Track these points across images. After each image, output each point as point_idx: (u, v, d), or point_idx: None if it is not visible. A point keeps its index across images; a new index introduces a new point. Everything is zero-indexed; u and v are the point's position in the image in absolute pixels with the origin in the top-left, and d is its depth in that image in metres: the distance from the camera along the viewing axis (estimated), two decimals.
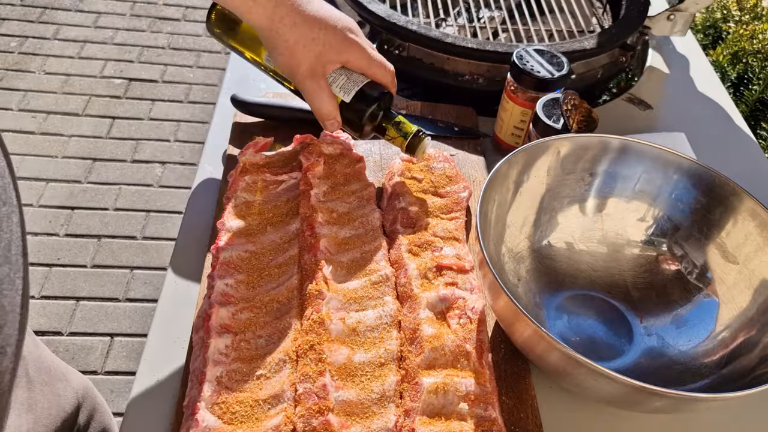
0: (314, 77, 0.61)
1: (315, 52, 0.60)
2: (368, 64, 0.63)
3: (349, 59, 0.62)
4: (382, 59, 0.64)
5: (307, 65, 0.60)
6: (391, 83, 0.65)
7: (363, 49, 0.62)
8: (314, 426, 0.48)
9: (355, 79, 0.63)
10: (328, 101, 0.62)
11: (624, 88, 0.96)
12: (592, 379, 0.47)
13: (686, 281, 0.62)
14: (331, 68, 0.62)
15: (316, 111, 0.63)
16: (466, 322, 0.56)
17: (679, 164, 0.62)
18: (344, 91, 0.63)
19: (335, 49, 0.61)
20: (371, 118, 0.64)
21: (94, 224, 1.83)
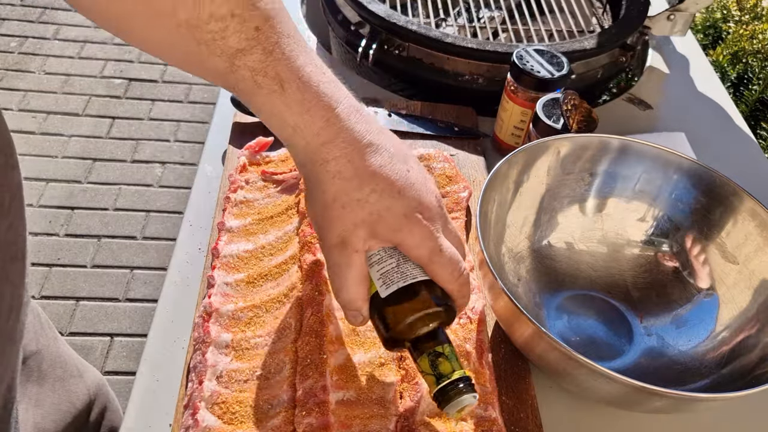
0: (344, 250, 0.44)
1: (356, 218, 0.43)
2: (430, 256, 0.44)
3: (405, 242, 0.44)
4: (455, 257, 0.45)
5: (339, 231, 0.43)
6: (457, 293, 0.46)
7: (429, 234, 0.44)
8: (314, 426, 0.48)
9: (405, 271, 0.45)
10: (355, 286, 0.45)
11: (624, 88, 0.96)
12: (592, 379, 0.47)
13: (686, 281, 0.62)
14: (375, 245, 0.45)
15: (335, 293, 0.46)
16: (466, 322, 0.56)
17: (679, 164, 0.62)
18: (384, 280, 0.45)
19: (387, 222, 0.43)
20: (409, 329, 0.45)
21: (94, 224, 1.83)
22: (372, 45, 0.85)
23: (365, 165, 0.42)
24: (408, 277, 0.45)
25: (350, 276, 0.44)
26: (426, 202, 0.45)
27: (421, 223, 0.44)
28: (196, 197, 0.71)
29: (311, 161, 0.43)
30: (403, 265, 0.45)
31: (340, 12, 0.93)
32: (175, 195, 1.94)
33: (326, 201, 0.43)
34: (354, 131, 0.42)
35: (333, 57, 0.95)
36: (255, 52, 0.38)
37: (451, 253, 0.45)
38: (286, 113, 0.40)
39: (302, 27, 0.98)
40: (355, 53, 0.87)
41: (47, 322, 0.62)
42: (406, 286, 0.44)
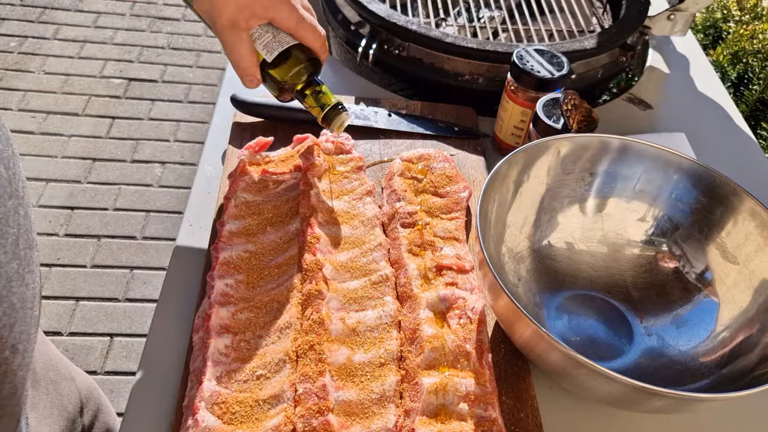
0: (235, 29, 0.58)
1: (238, 2, 0.57)
2: (296, 24, 0.59)
3: (276, 17, 0.59)
4: (313, 22, 0.61)
5: (228, 15, 0.57)
6: (320, 49, 0.62)
7: (293, 9, 0.59)
8: (314, 426, 0.48)
9: (281, 39, 0.60)
10: (248, 57, 0.59)
11: (624, 88, 0.96)
12: (592, 379, 0.47)
13: (686, 281, 0.62)
14: (255, 23, 0.58)
15: (234, 65, 0.60)
16: (466, 322, 0.56)
17: (679, 164, 0.62)
18: (267, 49, 0.59)
19: (261, 3, 0.57)
20: (292, 81, 0.61)
21: (94, 224, 1.83)
22: (372, 45, 0.85)
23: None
24: (284, 43, 0.60)
25: (243, 49, 0.59)
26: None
27: (286, 1, 0.58)
28: (196, 197, 0.71)
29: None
30: (278, 36, 0.60)
31: (340, 12, 0.93)
32: (175, 195, 1.94)
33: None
34: None
35: (333, 57, 0.95)
36: None
37: (311, 19, 0.60)
38: None
39: None
40: (355, 53, 0.87)
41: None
42: (284, 49, 0.60)
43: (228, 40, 0.58)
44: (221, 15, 0.57)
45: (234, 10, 0.57)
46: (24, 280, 0.44)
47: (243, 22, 0.58)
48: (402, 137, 0.79)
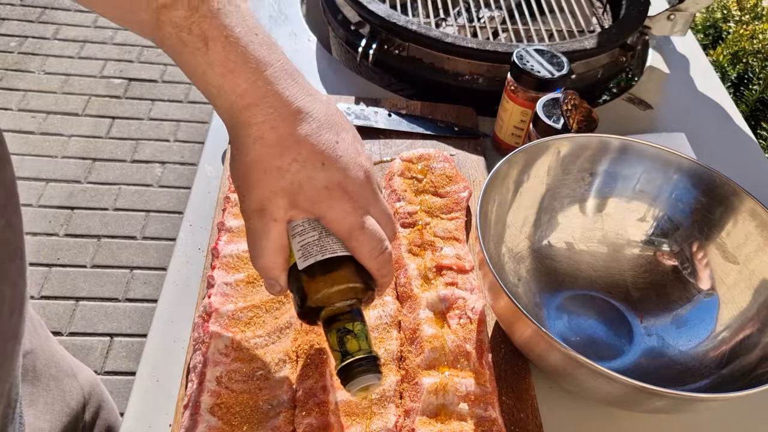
0: (262, 216, 0.43)
1: (275, 186, 0.42)
2: (350, 232, 0.43)
3: (326, 216, 0.43)
4: (376, 235, 0.44)
5: (259, 197, 0.42)
6: (377, 272, 0.45)
7: (352, 210, 0.43)
8: (314, 426, 0.48)
9: (326, 245, 0.44)
10: (272, 255, 0.44)
11: (624, 88, 0.96)
12: (592, 379, 0.47)
13: (686, 281, 0.62)
14: (296, 216, 0.44)
15: (252, 260, 0.45)
16: (466, 322, 0.56)
17: (679, 164, 0.62)
18: (303, 252, 0.44)
19: (307, 194, 0.42)
20: (323, 303, 0.44)
21: (94, 224, 1.83)
22: (372, 45, 0.85)
23: (289, 132, 0.41)
24: (327, 251, 0.44)
25: (267, 244, 0.44)
26: (352, 176, 0.43)
27: (343, 197, 0.43)
28: (196, 197, 0.71)
29: (234, 124, 0.42)
30: (325, 239, 0.44)
31: (340, 12, 0.93)
32: (175, 195, 1.94)
33: (247, 164, 0.42)
34: (282, 96, 0.41)
35: (333, 57, 0.95)
36: (179, 8, 0.38)
37: (373, 230, 0.44)
38: (210, 73, 0.39)
39: (302, 27, 0.98)
40: (355, 53, 0.87)
41: (39, 321, 0.62)
42: (325, 260, 0.43)
43: (251, 226, 0.44)
44: (251, 193, 0.43)
45: (267, 192, 0.42)
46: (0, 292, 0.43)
47: (277, 211, 0.43)
48: (402, 137, 0.79)
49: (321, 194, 0.42)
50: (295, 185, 0.42)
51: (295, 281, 0.45)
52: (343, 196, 0.43)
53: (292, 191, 0.42)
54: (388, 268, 0.45)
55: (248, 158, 0.42)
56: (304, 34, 0.97)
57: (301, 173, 0.41)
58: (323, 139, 0.42)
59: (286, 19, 1.00)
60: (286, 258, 0.44)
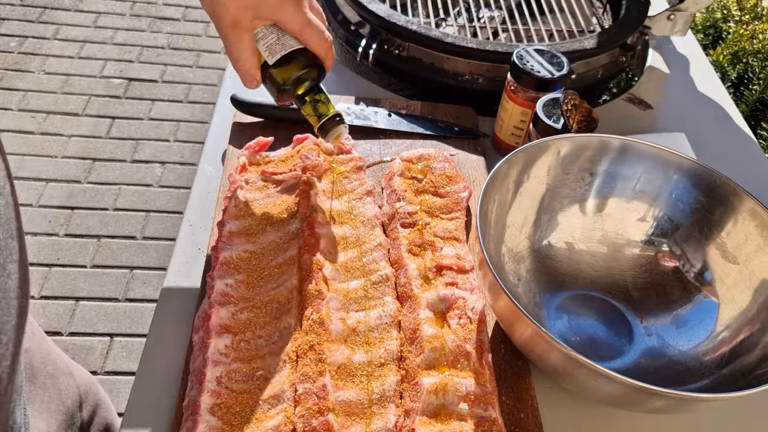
0: (237, 29, 0.57)
1: (242, 2, 0.55)
2: (302, 28, 0.57)
3: (281, 19, 0.57)
4: (320, 27, 0.59)
5: (231, 14, 0.56)
6: (324, 55, 0.60)
7: (299, 11, 0.57)
8: (314, 426, 0.48)
9: (284, 42, 0.58)
10: (249, 57, 0.58)
11: (624, 88, 0.96)
12: (592, 379, 0.47)
13: (686, 281, 0.62)
14: (259, 24, 0.57)
15: (234, 65, 0.59)
16: (466, 322, 0.56)
17: (679, 164, 0.62)
18: (269, 51, 0.58)
19: (266, 4, 0.56)
20: (292, 86, 0.59)
21: (94, 224, 1.83)
22: (372, 45, 0.85)
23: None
24: (287, 47, 0.58)
25: (244, 50, 0.58)
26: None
27: (292, 3, 0.56)
28: (196, 197, 0.71)
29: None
30: (282, 38, 0.58)
31: (340, 12, 0.93)
32: (175, 195, 1.94)
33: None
34: None
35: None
36: None
37: (317, 24, 0.58)
38: None
39: None
40: (355, 53, 0.87)
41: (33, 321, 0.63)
42: (287, 53, 0.58)
43: (229, 39, 0.58)
44: (224, 14, 0.56)
45: (237, 9, 0.56)
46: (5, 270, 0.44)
47: (246, 22, 0.56)
48: (402, 137, 0.79)
49: (276, 3, 0.56)
50: (256, 0, 0.56)
51: (268, 75, 0.59)
52: (292, 2, 0.56)
53: (255, 4, 0.56)
54: (332, 51, 0.61)
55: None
56: None
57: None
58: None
59: None
60: (257, 58, 0.59)
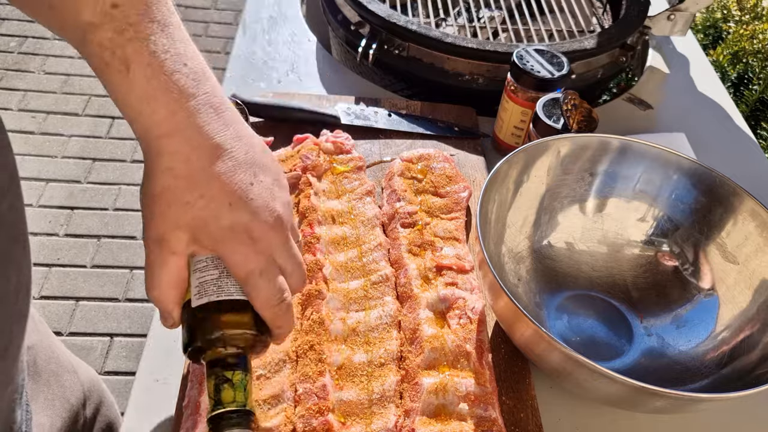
0: (161, 248, 0.41)
1: (178, 220, 0.40)
2: (247, 278, 0.41)
3: (226, 256, 0.41)
4: (276, 286, 0.42)
5: (160, 229, 0.40)
6: (272, 323, 0.43)
7: (253, 255, 0.41)
8: (314, 426, 0.48)
9: (224, 285, 0.42)
10: (166, 288, 0.41)
11: (624, 88, 0.96)
12: (592, 379, 0.47)
13: (686, 281, 0.62)
14: (199, 252, 0.42)
15: (147, 289, 0.42)
16: (466, 322, 0.56)
17: (679, 164, 0.62)
18: (200, 289, 0.41)
19: (210, 232, 0.40)
20: (207, 345, 0.41)
21: (94, 224, 1.82)
22: (372, 45, 0.85)
23: (202, 167, 0.40)
24: (222, 293, 0.41)
25: (163, 276, 0.41)
26: (260, 220, 0.41)
27: (246, 240, 0.41)
28: None
29: (148, 150, 0.40)
30: (224, 280, 0.42)
31: (340, 12, 0.93)
32: None
33: (154, 194, 0.40)
34: (201, 129, 0.40)
35: (333, 57, 0.95)
36: (106, 30, 0.37)
37: (272, 278, 0.42)
38: (130, 97, 0.38)
39: (302, 27, 0.98)
40: (355, 53, 0.87)
41: (39, 318, 0.63)
42: (218, 301, 0.41)
43: (150, 257, 0.41)
44: (152, 223, 0.41)
45: (169, 226, 0.40)
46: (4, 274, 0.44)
47: (177, 244, 0.41)
48: (402, 137, 0.79)
49: (224, 234, 0.41)
50: (199, 221, 0.40)
51: (187, 317, 0.42)
52: (246, 240, 0.41)
53: (195, 226, 0.40)
54: (285, 319, 0.43)
55: (156, 188, 0.40)
56: (304, 34, 0.97)
57: (206, 210, 0.40)
58: (237, 179, 0.41)
59: (286, 19, 1.00)
60: (181, 292, 0.42)
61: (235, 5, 2.67)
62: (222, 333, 0.41)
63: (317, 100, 0.82)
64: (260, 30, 0.97)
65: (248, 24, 0.98)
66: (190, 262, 0.42)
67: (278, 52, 0.93)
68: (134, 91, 0.38)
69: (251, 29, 0.97)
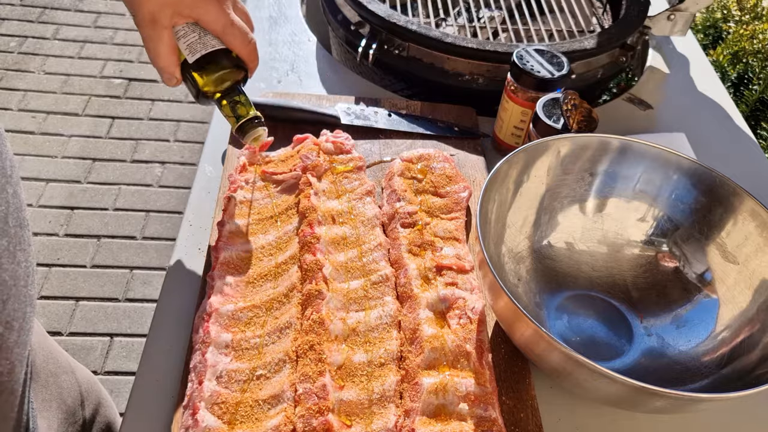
0: (155, 25, 0.53)
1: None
2: (224, 29, 0.55)
3: (203, 18, 0.55)
4: (243, 28, 0.56)
5: (149, 9, 0.53)
6: (247, 57, 0.58)
7: (221, 11, 0.55)
8: (314, 426, 0.48)
9: (206, 41, 0.56)
10: (167, 55, 0.55)
11: (624, 88, 0.96)
12: (592, 379, 0.47)
13: (686, 281, 0.62)
14: (179, 21, 0.55)
15: (152, 61, 0.56)
16: (466, 322, 0.56)
17: (679, 164, 0.62)
18: (190, 50, 0.56)
19: (186, 4, 0.53)
20: (212, 87, 0.57)
21: (94, 224, 1.82)
22: (372, 45, 0.85)
23: None
24: (208, 46, 0.56)
25: (162, 47, 0.55)
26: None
27: (214, 2, 0.54)
28: (196, 197, 0.71)
29: None
30: (204, 37, 0.56)
31: (340, 12, 0.93)
32: (175, 195, 1.94)
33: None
34: None
35: (333, 57, 0.95)
36: None
37: (241, 25, 0.56)
38: None
39: (302, 27, 0.98)
40: (355, 53, 0.87)
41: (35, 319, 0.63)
42: (208, 53, 0.56)
43: (147, 35, 0.54)
44: (141, 7, 0.53)
45: (155, 4, 0.53)
46: (15, 258, 0.44)
47: (165, 19, 0.54)
48: (402, 137, 0.79)
49: (197, 0, 0.54)
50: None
51: (188, 73, 0.57)
52: (213, 1, 0.54)
53: (176, 1, 0.53)
54: (256, 54, 0.58)
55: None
56: (304, 34, 0.97)
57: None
58: None
59: (286, 19, 1.00)
60: (178, 56, 0.56)
61: None
62: (221, 72, 0.57)
63: (317, 100, 0.82)
64: (260, 30, 0.97)
65: None
66: (173, 33, 0.55)
67: (278, 52, 0.93)
68: None
69: None
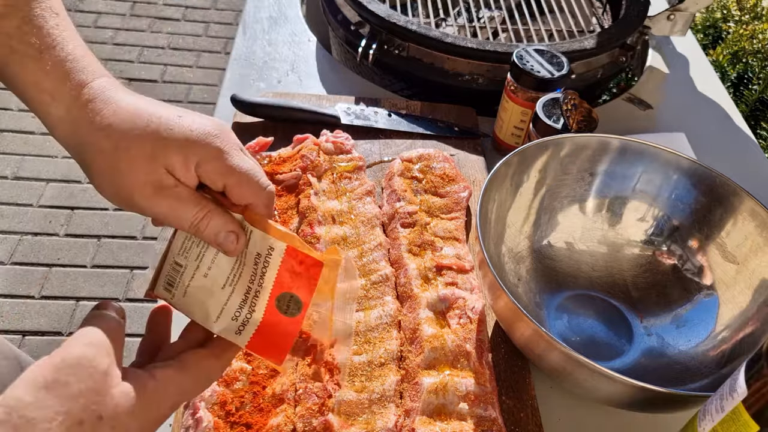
0: (163, 190, 0.38)
1: (147, 151, 0.38)
2: (229, 171, 0.39)
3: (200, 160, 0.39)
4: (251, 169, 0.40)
5: (143, 176, 0.38)
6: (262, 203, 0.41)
7: (219, 150, 0.39)
8: (314, 426, 0.48)
9: None
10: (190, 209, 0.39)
11: (624, 88, 0.96)
12: (592, 379, 0.47)
13: (686, 281, 0.62)
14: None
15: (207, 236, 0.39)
16: (466, 322, 0.56)
17: (679, 164, 0.62)
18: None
19: (176, 142, 0.38)
20: None
21: (94, 224, 1.83)
22: (372, 45, 0.85)
23: (131, 100, 0.43)
24: None
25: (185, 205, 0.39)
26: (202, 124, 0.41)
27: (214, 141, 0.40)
28: None
29: (75, 123, 0.39)
30: None
31: (340, 12, 0.93)
32: None
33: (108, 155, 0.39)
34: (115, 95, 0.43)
35: (333, 57, 0.95)
36: (13, 19, 0.38)
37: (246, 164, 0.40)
38: (43, 80, 0.39)
39: (302, 27, 0.98)
40: (355, 53, 0.87)
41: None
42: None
43: (163, 207, 0.38)
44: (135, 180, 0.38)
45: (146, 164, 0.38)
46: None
47: (167, 178, 0.39)
48: (402, 137, 0.79)
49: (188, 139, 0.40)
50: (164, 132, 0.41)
51: None
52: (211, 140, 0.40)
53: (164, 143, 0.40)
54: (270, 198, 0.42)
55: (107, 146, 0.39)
56: (304, 34, 0.97)
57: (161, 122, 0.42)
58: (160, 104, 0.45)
59: (286, 19, 1.00)
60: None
61: (235, 5, 2.68)
62: None
63: (317, 100, 0.82)
64: (260, 30, 0.97)
65: (248, 24, 0.98)
66: None
67: (278, 52, 0.93)
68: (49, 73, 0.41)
69: (251, 29, 0.97)
